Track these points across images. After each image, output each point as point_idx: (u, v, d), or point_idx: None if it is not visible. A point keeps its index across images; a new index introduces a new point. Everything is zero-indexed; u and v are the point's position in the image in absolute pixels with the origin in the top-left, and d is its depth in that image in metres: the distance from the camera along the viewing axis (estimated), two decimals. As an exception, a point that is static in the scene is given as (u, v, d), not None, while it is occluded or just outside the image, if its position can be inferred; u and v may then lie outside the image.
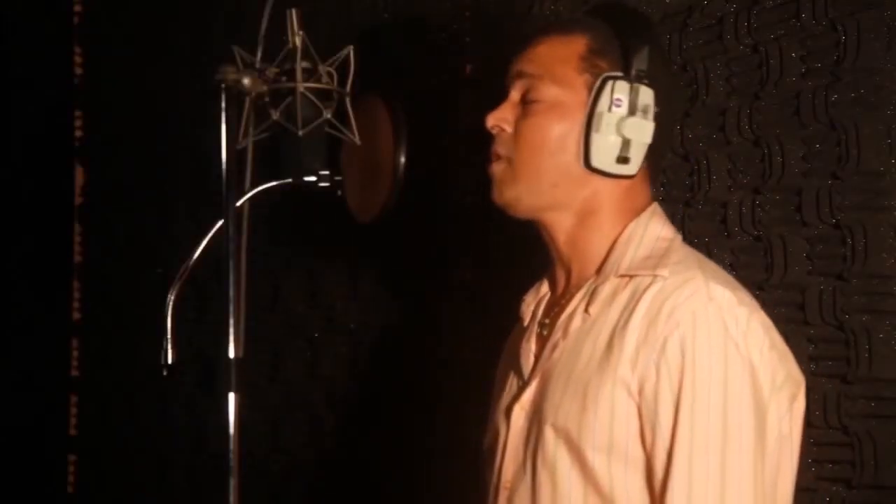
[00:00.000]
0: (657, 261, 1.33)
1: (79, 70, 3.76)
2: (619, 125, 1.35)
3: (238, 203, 1.44)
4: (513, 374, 1.48)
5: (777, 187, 1.63)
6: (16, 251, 3.72)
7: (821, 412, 1.54)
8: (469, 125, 2.02)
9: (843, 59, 1.54)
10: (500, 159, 1.41)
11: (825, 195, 1.56)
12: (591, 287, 1.37)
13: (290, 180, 1.53)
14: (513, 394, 1.44)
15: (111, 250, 3.57)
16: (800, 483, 1.34)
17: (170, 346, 1.49)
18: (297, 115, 1.49)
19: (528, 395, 1.39)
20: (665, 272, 1.30)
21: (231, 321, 1.37)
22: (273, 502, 2.69)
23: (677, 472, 1.22)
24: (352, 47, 1.53)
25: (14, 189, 3.72)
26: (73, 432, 3.73)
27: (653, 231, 1.39)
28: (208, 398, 1.36)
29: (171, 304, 1.50)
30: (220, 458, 1.36)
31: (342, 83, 1.53)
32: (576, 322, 1.36)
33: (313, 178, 1.52)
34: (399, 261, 2.38)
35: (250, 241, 1.48)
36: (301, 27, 1.49)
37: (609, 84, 1.35)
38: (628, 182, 1.39)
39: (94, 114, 3.73)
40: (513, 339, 1.54)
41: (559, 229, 1.41)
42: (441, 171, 2.23)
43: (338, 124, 1.53)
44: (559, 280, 1.45)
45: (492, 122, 1.42)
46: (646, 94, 1.35)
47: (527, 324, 1.49)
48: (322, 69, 1.51)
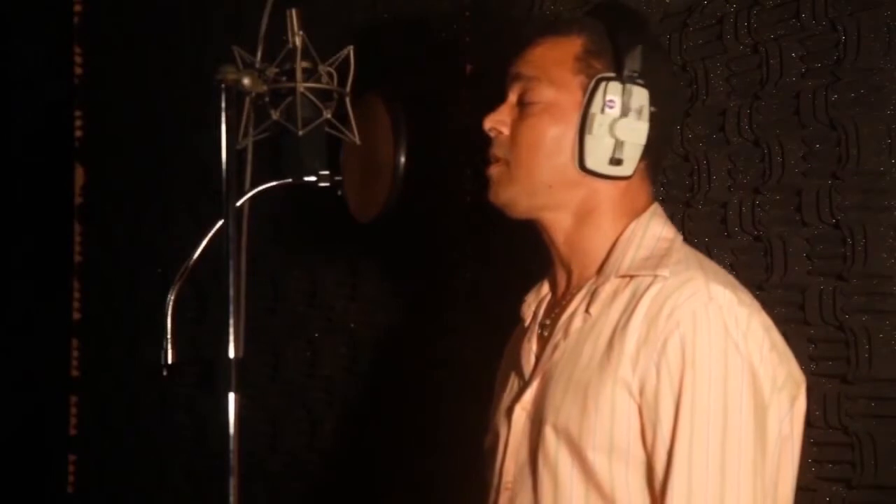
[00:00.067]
0: (658, 261, 1.33)
1: (79, 70, 3.75)
2: (613, 127, 1.34)
3: (238, 203, 1.44)
4: (514, 374, 1.48)
5: (777, 187, 1.63)
6: (16, 251, 3.72)
7: (821, 412, 1.53)
8: (469, 125, 2.02)
9: (843, 59, 1.54)
10: (498, 162, 1.41)
11: (825, 195, 1.56)
12: (592, 287, 1.37)
13: (290, 180, 1.53)
14: (514, 394, 1.44)
15: (111, 250, 3.56)
16: (800, 483, 1.35)
17: (170, 346, 1.49)
18: (297, 115, 1.48)
19: (528, 395, 1.39)
20: (665, 272, 1.30)
21: (231, 321, 1.37)
22: (273, 502, 2.69)
23: (677, 471, 1.22)
24: (352, 47, 1.53)
25: (14, 189, 3.72)
26: (73, 432, 3.72)
27: (653, 231, 1.38)
28: (208, 398, 1.36)
29: (171, 304, 1.50)
30: (220, 458, 1.36)
31: (342, 83, 1.53)
32: (576, 322, 1.36)
33: (313, 178, 1.52)
34: (399, 261, 2.38)
35: (250, 241, 1.48)
36: (301, 27, 1.49)
37: (602, 85, 1.35)
38: (626, 182, 1.39)
39: (94, 114, 3.72)
40: (514, 340, 1.55)
41: (557, 229, 1.41)
42: (441, 171, 2.23)
43: (338, 124, 1.53)
44: (560, 281, 1.45)
45: (489, 124, 1.42)
46: (639, 94, 1.35)
47: (528, 324, 1.49)
48: (322, 69, 1.51)
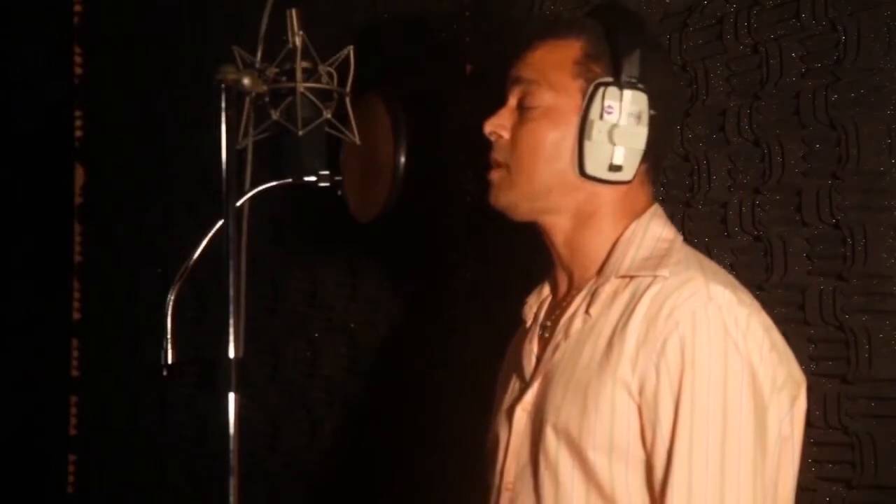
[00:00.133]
0: (657, 261, 1.33)
1: (79, 70, 3.75)
2: (611, 132, 1.34)
3: (238, 203, 1.44)
4: (515, 375, 1.48)
5: (777, 187, 1.63)
6: (16, 251, 3.72)
7: (821, 412, 1.53)
8: (469, 125, 2.02)
9: (843, 59, 1.54)
10: (499, 166, 1.41)
11: (825, 195, 1.56)
12: (592, 288, 1.36)
13: (290, 180, 1.53)
14: (515, 395, 1.44)
15: (111, 250, 3.56)
16: (800, 483, 1.35)
17: (170, 346, 1.49)
18: (297, 115, 1.48)
19: (529, 396, 1.39)
20: (665, 272, 1.30)
21: (231, 321, 1.37)
22: (273, 502, 2.69)
23: (677, 471, 1.22)
24: (352, 47, 1.53)
25: (14, 189, 3.72)
26: (73, 432, 3.72)
27: (653, 232, 1.38)
28: (208, 398, 1.36)
29: (171, 304, 1.50)
30: (220, 458, 1.36)
31: (342, 83, 1.53)
32: (577, 323, 1.36)
33: (313, 178, 1.52)
34: (399, 261, 2.38)
35: (250, 241, 1.48)
36: (301, 27, 1.49)
37: (600, 91, 1.34)
38: (626, 185, 1.38)
39: (94, 114, 3.72)
40: (515, 341, 1.55)
41: (558, 232, 1.41)
42: (441, 171, 2.23)
43: (338, 124, 1.53)
44: (560, 282, 1.45)
45: (489, 128, 1.41)
46: (638, 99, 1.34)
47: (529, 325, 1.49)
48: (322, 69, 1.51)
